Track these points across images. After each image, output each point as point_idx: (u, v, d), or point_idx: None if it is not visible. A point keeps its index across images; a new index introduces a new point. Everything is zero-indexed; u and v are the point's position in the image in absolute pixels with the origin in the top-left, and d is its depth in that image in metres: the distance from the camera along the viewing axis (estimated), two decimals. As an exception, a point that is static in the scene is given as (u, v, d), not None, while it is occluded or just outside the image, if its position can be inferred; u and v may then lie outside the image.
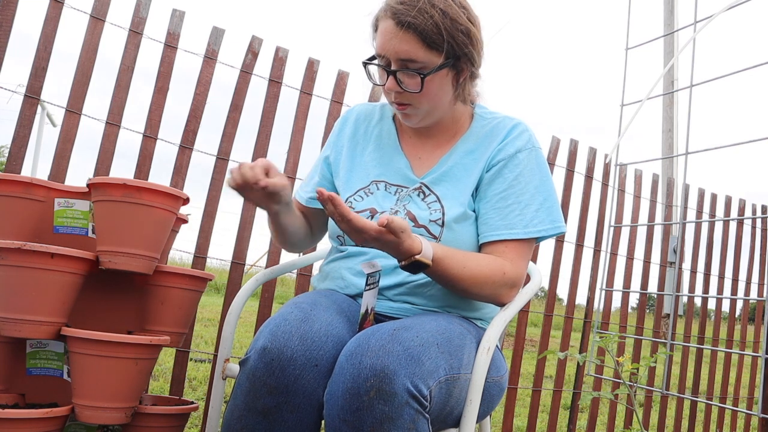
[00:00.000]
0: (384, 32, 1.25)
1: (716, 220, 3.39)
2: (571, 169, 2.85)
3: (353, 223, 1.09)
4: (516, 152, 1.34)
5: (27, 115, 1.90)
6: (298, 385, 1.06)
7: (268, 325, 1.12)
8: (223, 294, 2.21)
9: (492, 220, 1.30)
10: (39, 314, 1.32)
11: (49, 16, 1.92)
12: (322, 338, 1.10)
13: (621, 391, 2.66)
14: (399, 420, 0.99)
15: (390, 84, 1.27)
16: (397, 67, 1.26)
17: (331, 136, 1.53)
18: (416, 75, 1.25)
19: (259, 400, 1.06)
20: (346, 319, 1.22)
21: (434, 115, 1.35)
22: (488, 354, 1.19)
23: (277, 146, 2.25)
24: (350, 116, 1.52)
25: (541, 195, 1.32)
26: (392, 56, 1.25)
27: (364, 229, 1.09)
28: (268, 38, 3.66)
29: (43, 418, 1.26)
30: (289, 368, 1.06)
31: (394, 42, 1.23)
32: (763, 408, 2.22)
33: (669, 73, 4.08)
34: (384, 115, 1.49)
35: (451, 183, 1.35)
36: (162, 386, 3.00)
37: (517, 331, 2.68)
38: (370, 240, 1.12)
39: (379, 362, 1.00)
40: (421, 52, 1.23)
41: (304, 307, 1.17)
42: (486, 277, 1.24)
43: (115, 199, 1.39)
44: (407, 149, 1.43)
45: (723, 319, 3.71)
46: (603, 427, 3.16)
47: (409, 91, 1.28)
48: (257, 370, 1.07)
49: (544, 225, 1.31)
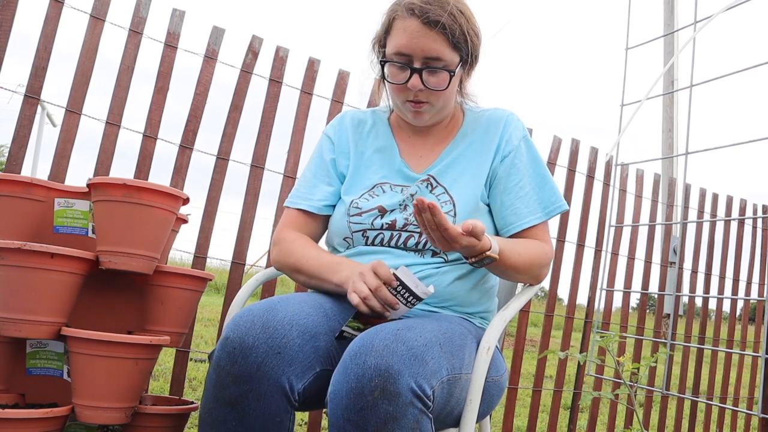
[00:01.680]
0: (408, 30, 1.27)
1: (717, 220, 3.39)
2: (572, 169, 2.85)
3: (449, 233, 1.13)
4: (518, 142, 1.41)
5: (27, 115, 1.90)
6: (262, 372, 1.06)
7: (233, 317, 1.13)
8: (223, 294, 2.21)
9: (519, 209, 1.38)
10: (39, 314, 1.32)
11: (49, 16, 1.92)
12: (286, 327, 1.10)
13: (621, 391, 2.66)
14: (403, 420, 0.99)
15: (414, 81, 1.29)
16: (420, 65, 1.28)
17: (326, 142, 1.48)
18: (442, 72, 1.29)
19: (225, 390, 1.07)
20: (323, 314, 1.21)
21: (444, 112, 1.39)
22: (488, 354, 1.19)
23: (277, 146, 2.26)
24: (345, 121, 1.50)
25: (544, 177, 1.42)
26: (418, 54, 1.27)
27: (456, 238, 1.14)
28: (269, 38, 3.66)
29: (43, 418, 1.26)
30: (252, 356, 1.06)
31: (422, 40, 1.26)
32: (763, 408, 2.21)
33: (669, 73, 4.07)
34: (377, 120, 1.49)
35: (457, 174, 1.38)
36: (162, 386, 3.00)
37: (517, 331, 2.68)
38: (458, 247, 1.17)
39: (383, 362, 1.00)
40: (447, 51, 1.28)
41: (273, 300, 1.18)
42: (534, 261, 1.34)
43: (115, 199, 1.39)
44: (407, 150, 1.43)
45: (723, 319, 3.70)
46: (603, 427, 3.16)
47: (433, 89, 1.30)
48: (221, 359, 1.08)
49: (557, 202, 1.41)
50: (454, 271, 1.33)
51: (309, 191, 1.44)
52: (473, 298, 1.37)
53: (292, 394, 1.08)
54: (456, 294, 1.33)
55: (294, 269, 1.36)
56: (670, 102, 4.17)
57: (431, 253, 1.34)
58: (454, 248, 1.17)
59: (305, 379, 1.11)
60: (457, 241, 1.15)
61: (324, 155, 1.47)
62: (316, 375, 1.13)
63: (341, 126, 1.49)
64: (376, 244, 1.35)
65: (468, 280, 1.35)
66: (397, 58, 1.29)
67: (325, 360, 1.15)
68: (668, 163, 3.95)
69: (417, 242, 1.33)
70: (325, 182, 1.44)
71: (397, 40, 1.28)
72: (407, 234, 1.33)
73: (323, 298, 1.28)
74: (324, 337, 1.17)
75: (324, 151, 1.48)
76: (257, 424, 1.07)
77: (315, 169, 1.47)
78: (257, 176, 2.22)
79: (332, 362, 1.17)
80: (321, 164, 1.47)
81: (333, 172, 1.45)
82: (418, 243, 1.33)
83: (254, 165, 2.22)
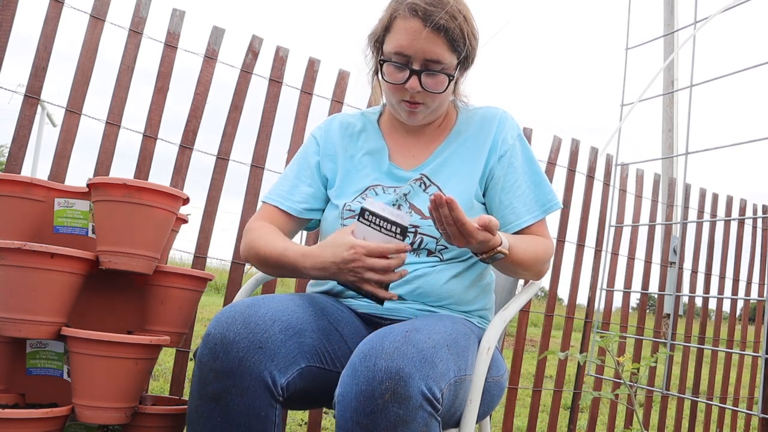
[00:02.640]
0: (409, 31, 1.26)
1: (717, 220, 3.39)
2: (572, 169, 2.85)
3: (467, 227, 1.12)
4: (513, 141, 1.41)
5: (27, 115, 1.90)
6: (243, 367, 1.06)
7: (216, 314, 1.14)
8: (223, 294, 2.21)
9: (517, 208, 1.37)
10: (39, 314, 1.32)
11: (49, 16, 1.92)
12: (267, 322, 1.10)
13: (621, 391, 2.66)
14: (413, 423, 0.98)
15: (412, 83, 1.29)
16: (419, 67, 1.28)
17: (312, 144, 1.47)
18: (440, 75, 1.29)
19: (208, 386, 1.07)
20: (311, 312, 1.21)
21: (438, 112, 1.39)
22: (488, 354, 1.19)
23: (277, 146, 2.26)
24: (333, 124, 1.49)
25: (539, 175, 1.42)
26: (418, 56, 1.27)
27: (472, 233, 1.14)
28: (269, 38, 3.66)
29: (43, 418, 1.26)
30: (233, 351, 1.06)
31: (422, 42, 1.25)
32: (763, 408, 2.21)
33: (669, 73, 4.07)
34: (366, 123, 1.48)
35: (451, 173, 1.38)
36: (162, 386, 3.00)
37: (517, 331, 2.68)
38: (474, 243, 1.16)
39: (394, 365, 1.00)
40: (447, 54, 1.28)
41: (257, 297, 1.18)
42: (539, 256, 1.34)
43: (115, 199, 1.39)
44: (398, 150, 1.43)
45: (723, 319, 3.70)
46: (603, 427, 3.16)
47: (430, 92, 1.30)
48: (203, 356, 1.08)
49: (554, 199, 1.41)
50: (449, 270, 1.33)
51: (289, 191, 1.43)
52: (470, 296, 1.37)
53: (275, 388, 1.08)
54: (452, 292, 1.33)
55: (261, 261, 1.33)
56: (670, 102, 4.17)
57: (426, 252, 1.33)
58: (470, 243, 1.16)
59: (288, 374, 1.10)
60: (473, 236, 1.14)
61: (308, 157, 1.46)
62: (302, 371, 1.13)
63: (329, 129, 1.48)
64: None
65: (464, 278, 1.35)
66: (395, 58, 1.29)
67: (311, 357, 1.15)
68: (668, 163, 3.95)
69: (411, 242, 1.33)
70: (306, 183, 1.43)
71: (397, 39, 1.28)
72: None
73: (314, 298, 1.28)
74: (311, 334, 1.16)
75: (309, 153, 1.47)
76: (242, 419, 1.07)
77: (298, 169, 1.46)
78: (257, 176, 2.22)
79: (320, 359, 1.17)
80: (304, 165, 1.46)
81: (316, 174, 1.44)
82: (413, 243, 1.33)
83: (254, 165, 2.22)
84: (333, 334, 1.22)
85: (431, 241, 1.33)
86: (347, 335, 1.25)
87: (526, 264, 1.31)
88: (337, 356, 1.21)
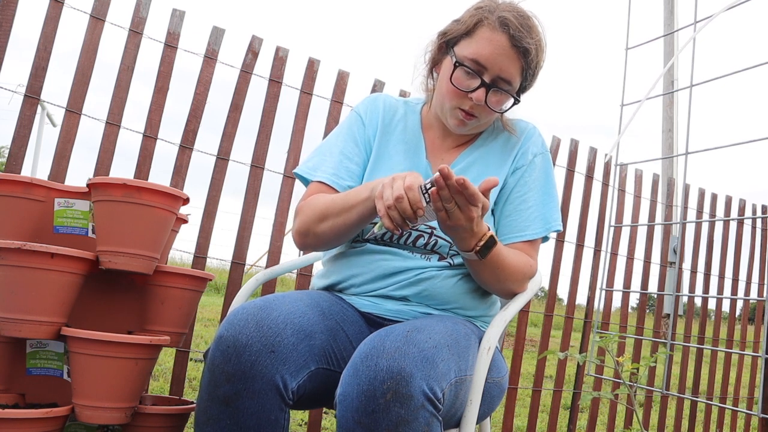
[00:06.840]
0: (494, 43, 1.26)
1: (716, 219, 3.39)
2: (571, 169, 2.85)
3: (469, 190, 1.07)
4: (533, 157, 1.40)
5: (27, 115, 1.90)
6: (255, 370, 1.06)
7: (227, 316, 1.13)
8: (223, 294, 2.21)
9: (515, 222, 1.37)
10: (39, 314, 1.32)
11: (49, 16, 1.92)
12: (280, 325, 1.10)
13: (621, 391, 2.66)
14: (414, 423, 0.98)
15: (479, 95, 1.28)
16: (491, 81, 1.28)
17: (357, 120, 1.43)
18: (506, 95, 1.30)
19: (219, 388, 1.07)
20: (319, 312, 1.21)
21: (483, 128, 1.40)
22: (488, 354, 1.20)
23: (277, 146, 2.26)
24: (377, 102, 1.45)
25: (551, 196, 1.41)
26: (494, 70, 1.27)
27: (477, 195, 1.09)
28: (268, 38, 3.66)
29: (43, 418, 1.26)
30: (245, 354, 1.06)
31: (503, 60, 1.26)
32: (763, 408, 2.21)
33: (669, 73, 4.07)
34: (408, 111, 1.46)
35: (472, 178, 1.36)
36: (162, 386, 3.00)
37: (517, 331, 2.68)
38: (478, 207, 1.10)
39: (395, 364, 1.00)
40: (518, 78, 1.30)
41: (268, 298, 1.17)
42: (519, 270, 1.31)
43: (115, 199, 1.39)
44: (431, 150, 1.43)
45: (723, 319, 3.71)
46: (603, 427, 3.16)
47: (491, 108, 1.30)
48: (215, 358, 1.08)
49: (556, 221, 1.40)
50: (457, 275, 1.34)
51: (336, 168, 1.37)
52: (475, 302, 1.37)
53: (286, 392, 1.08)
54: (458, 297, 1.34)
55: (321, 217, 1.28)
56: (670, 102, 4.17)
57: (438, 256, 1.34)
58: (470, 219, 1.12)
59: (299, 378, 1.10)
60: (477, 198, 1.09)
61: (355, 134, 1.41)
62: (311, 373, 1.13)
63: (374, 106, 1.44)
64: (385, 239, 1.34)
65: (471, 284, 1.36)
66: (470, 65, 1.27)
67: (320, 358, 1.15)
68: (668, 163, 3.95)
69: (426, 243, 1.33)
70: (353, 162, 1.39)
71: (478, 47, 1.27)
72: (417, 233, 1.33)
73: (320, 297, 1.28)
74: (320, 335, 1.16)
75: (354, 130, 1.42)
76: (251, 423, 1.07)
77: (343, 146, 1.40)
78: (257, 176, 2.22)
79: (328, 361, 1.17)
80: (351, 143, 1.41)
81: (363, 152, 1.41)
82: (426, 244, 1.33)
83: (254, 165, 2.22)
84: (339, 333, 1.22)
85: (445, 245, 1.33)
86: (352, 335, 1.26)
87: (509, 269, 1.27)
88: (343, 357, 1.21)
